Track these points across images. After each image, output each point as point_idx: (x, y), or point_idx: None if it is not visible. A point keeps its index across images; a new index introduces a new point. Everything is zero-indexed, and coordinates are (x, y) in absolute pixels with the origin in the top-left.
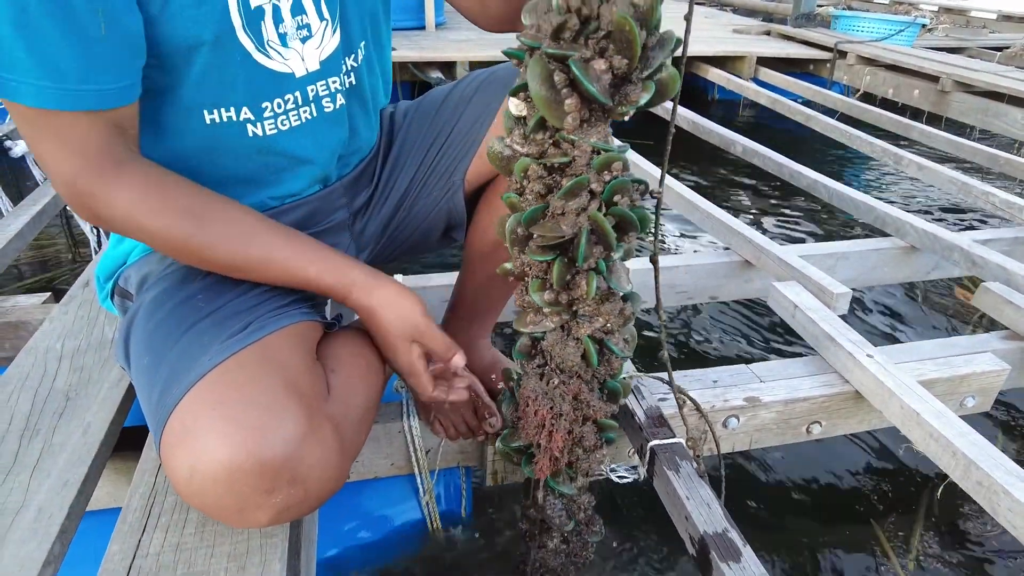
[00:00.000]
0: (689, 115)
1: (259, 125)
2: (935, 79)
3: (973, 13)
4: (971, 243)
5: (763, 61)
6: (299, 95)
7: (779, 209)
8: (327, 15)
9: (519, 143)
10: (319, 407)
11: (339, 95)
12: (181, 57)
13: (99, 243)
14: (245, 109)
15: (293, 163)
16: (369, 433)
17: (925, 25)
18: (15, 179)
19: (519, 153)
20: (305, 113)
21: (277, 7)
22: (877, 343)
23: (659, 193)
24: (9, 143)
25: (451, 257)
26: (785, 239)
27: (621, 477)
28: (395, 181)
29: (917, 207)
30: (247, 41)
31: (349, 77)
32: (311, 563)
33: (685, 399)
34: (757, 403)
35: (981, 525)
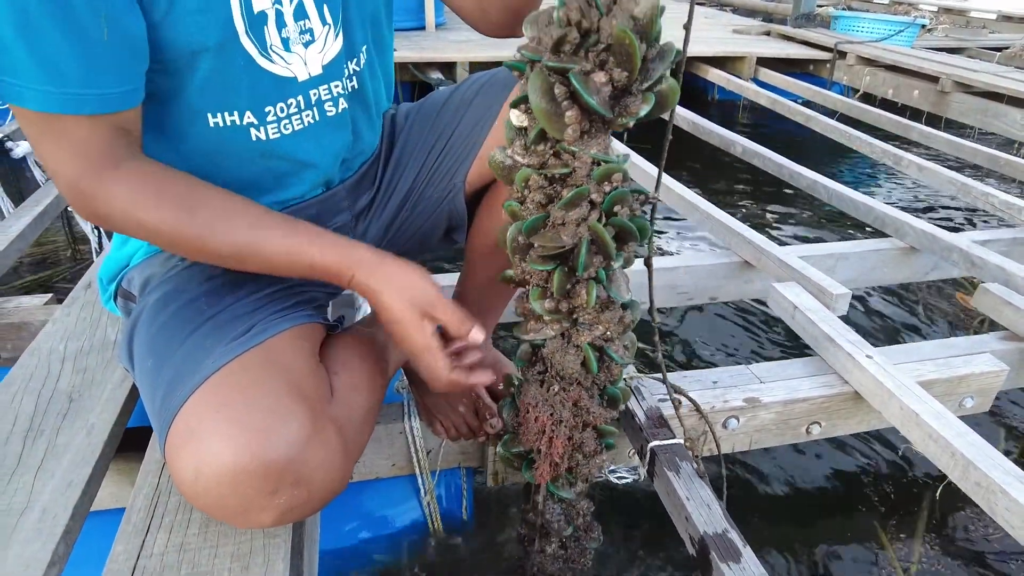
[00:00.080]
0: (689, 116)
1: (262, 129)
2: (935, 80)
3: (973, 13)
4: (970, 244)
5: (763, 61)
6: (301, 99)
7: (779, 209)
8: (329, 19)
9: (520, 154)
10: (322, 409)
11: (341, 99)
12: (185, 62)
13: (100, 243)
14: (248, 113)
15: (296, 167)
16: (372, 434)
17: (925, 25)
18: (16, 180)
19: (520, 163)
20: (308, 117)
21: (280, 12)
22: (876, 344)
23: (654, 199)
24: (10, 144)
25: (452, 258)
26: (785, 240)
27: (621, 478)
28: (397, 183)
29: (916, 208)
30: (250, 46)
31: (351, 81)
32: (313, 563)
33: (680, 400)
34: (757, 404)
35: (983, 527)
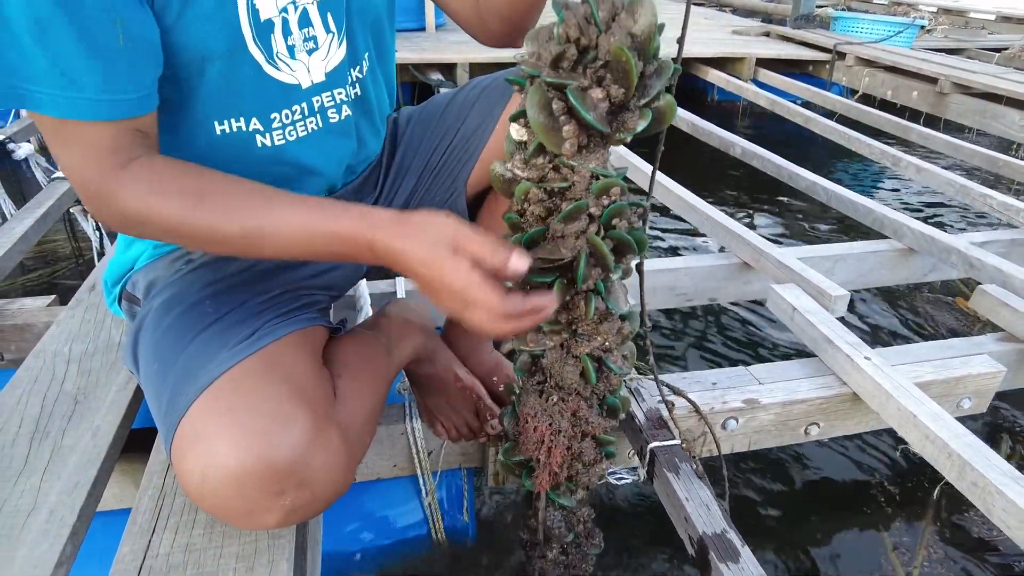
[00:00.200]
0: (688, 117)
1: (268, 136)
2: (933, 81)
3: (972, 14)
4: (968, 245)
5: (762, 62)
6: (305, 106)
7: (778, 211)
8: (333, 28)
9: (520, 167)
10: (325, 412)
11: (344, 106)
12: (194, 68)
13: (101, 243)
14: (255, 120)
15: (301, 173)
16: (374, 435)
17: (924, 26)
18: (17, 182)
19: (520, 177)
20: (311, 124)
21: (286, 20)
22: (875, 345)
23: (647, 204)
24: (12, 146)
25: None
26: (784, 241)
27: (620, 479)
28: (399, 186)
29: (915, 209)
30: (257, 53)
31: (354, 88)
32: (316, 563)
33: (673, 403)
34: (756, 405)
35: (987, 529)
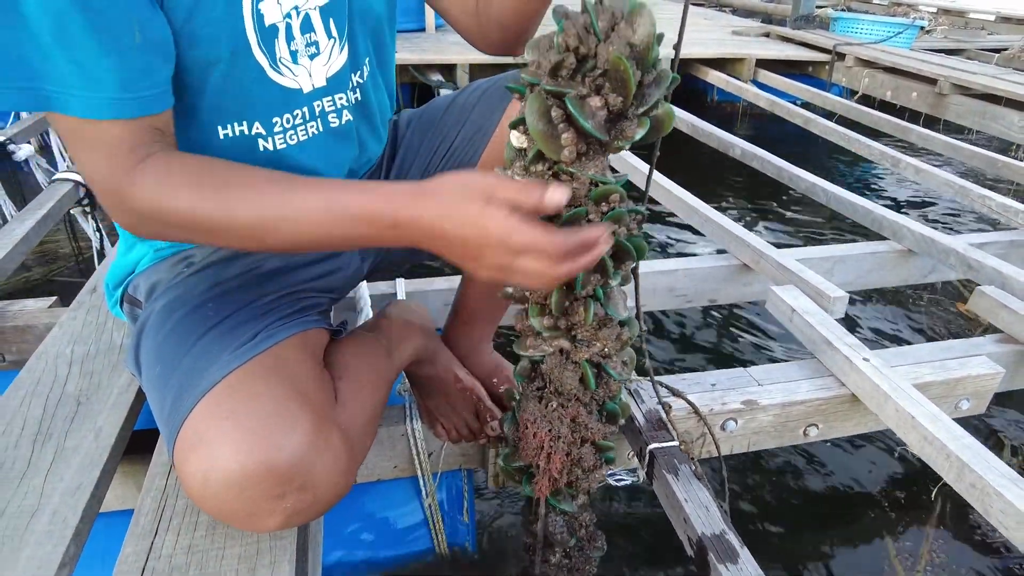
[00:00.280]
0: (688, 118)
1: (270, 140)
2: (933, 82)
3: (971, 15)
4: (967, 247)
5: (762, 63)
6: (306, 110)
7: (777, 212)
8: (335, 33)
9: (520, 174)
10: (327, 415)
11: (345, 111)
12: (199, 72)
13: (101, 244)
14: (257, 124)
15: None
16: (375, 437)
17: (923, 27)
18: (18, 183)
19: None
20: (312, 128)
21: (289, 25)
22: (873, 346)
23: (645, 213)
24: (13, 147)
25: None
26: (783, 242)
27: (620, 480)
28: None
29: (914, 210)
30: (261, 58)
31: (355, 93)
32: (317, 564)
33: (670, 405)
34: (755, 406)
35: (991, 531)
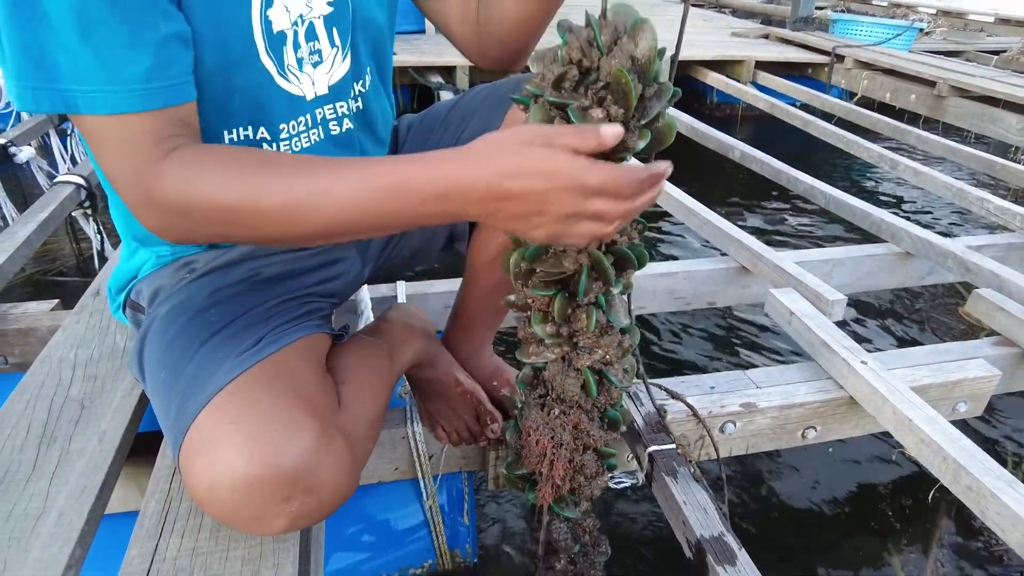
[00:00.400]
0: (687, 120)
1: (274, 145)
2: (932, 84)
3: (970, 16)
4: (964, 249)
5: (761, 65)
6: (309, 118)
7: (776, 214)
8: (338, 42)
9: None
10: (331, 419)
11: (346, 119)
12: (207, 75)
13: (102, 245)
14: (263, 129)
15: None
16: (377, 440)
17: (922, 29)
18: (19, 185)
19: None
20: (314, 135)
21: (296, 32)
22: (872, 348)
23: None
24: (14, 149)
25: (453, 265)
26: (782, 244)
27: (619, 482)
28: None
29: (913, 212)
30: (269, 64)
31: (357, 102)
32: (319, 566)
33: (666, 410)
34: (753, 408)
35: (994, 542)
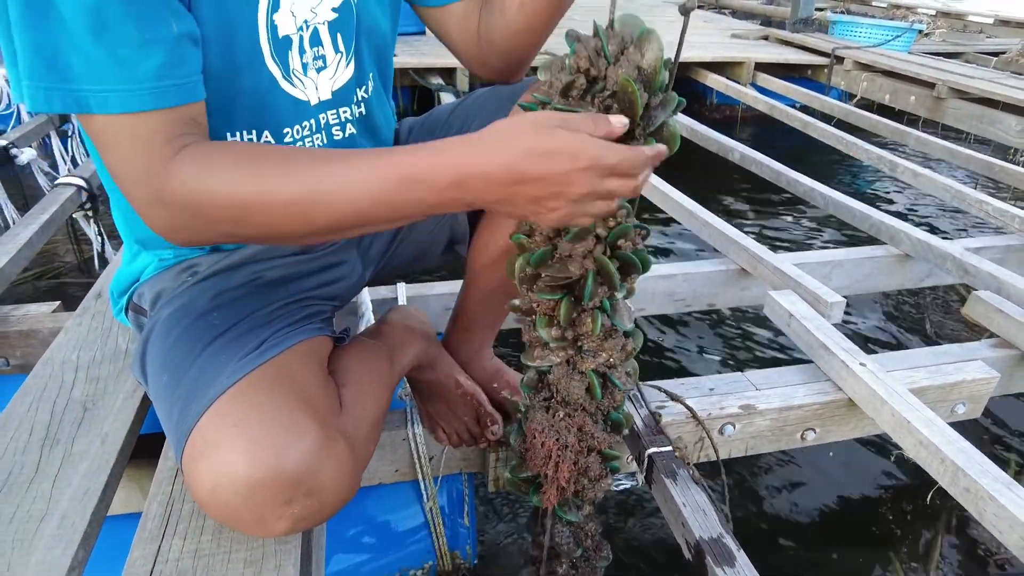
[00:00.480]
0: (687, 121)
1: None
2: (931, 86)
3: (970, 18)
4: (963, 251)
5: (761, 66)
6: (312, 123)
7: (776, 216)
8: (342, 48)
9: None
10: (332, 422)
11: (348, 124)
12: (212, 77)
13: (103, 246)
14: (267, 133)
15: None
16: (378, 442)
17: (922, 30)
18: (20, 187)
19: None
20: (317, 140)
21: (302, 37)
22: (870, 350)
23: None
24: (15, 151)
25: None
26: (782, 246)
27: (619, 484)
28: None
29: (911, 214)
30: (274, 68)
31: (359, 107)
32: (321, 568)
33: (660, 415)
34: (753, 410)
35: (996, 547)
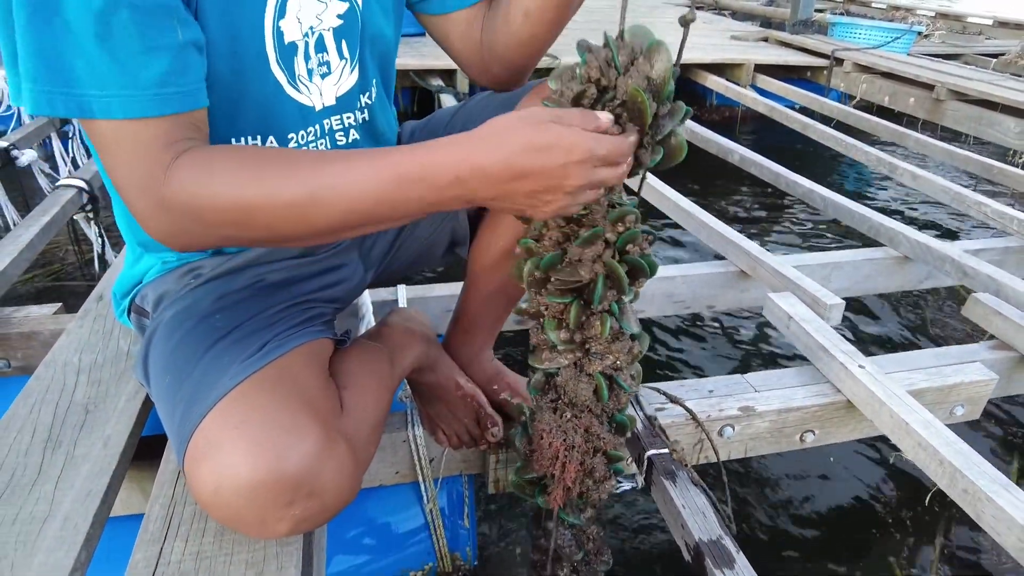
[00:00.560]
0: (687, 123)
1: None
2: (930, 87)
3: (969, 19)
4: (962, 254)
5: (761, 68)
6: (317, 128)
7: (775, 218)
8: (347, 55)
9: None
10: (334, 424)
11: (352, 130)
12: (218, 83)
13: (103, 249)
14: (271, 138)
15: None
16: (378, 444)
17: (921, 32)
18: (21, 188)
19: None
20: (321, 145)
21: (307, 44)
22: (869, 352)
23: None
24: (16, 152)
25: (453, 270)
26: (781, 248)
27: (618, 486)
28: None
29: (910, 216)
30: (280, 74)
31: (363, 113)
32: (321, 569)
33: (657, 419)
34: (752, 412)
35: (996, 556)
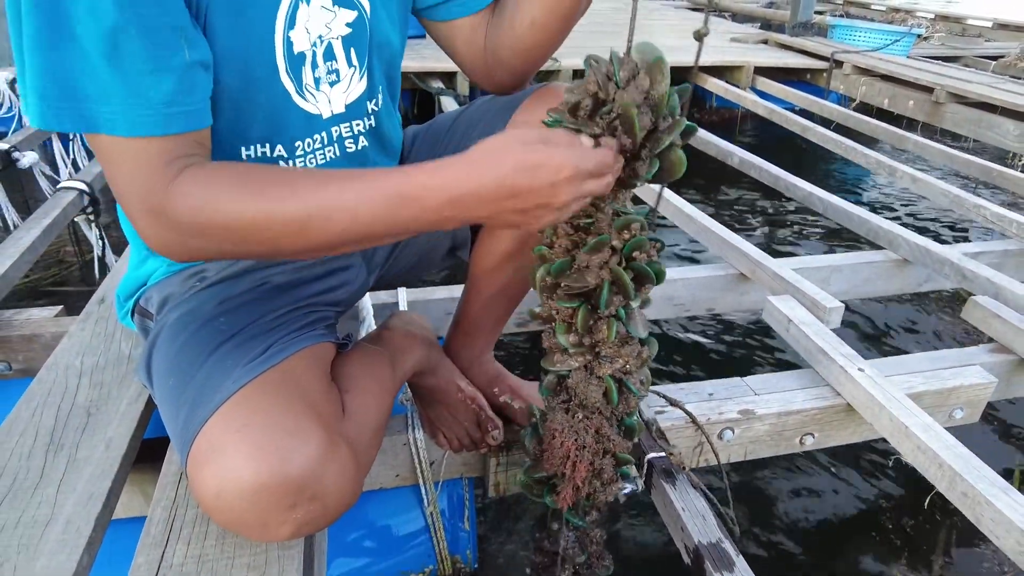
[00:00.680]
0: None
1: (291, 162)
2: (929, 90)
3: (969, 21)
4: (961, 257)
5: (760, 70)
6: (325, 135)
7: (775, 221)
8: (356, 62)
9: None
10: (336, 428)
11: (361, 137)
12: (227, 93)
13: (104, 251)
14: (280, 147)
15: None
16: (379, 447)
17: (920, 35)
18: (22, 190)
19: None
20: (330, 152)
21: (315, 52)
22: (869, 355)
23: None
24: (17, 154)
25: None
26: (781, 251)
27: (622, 489)
28: None
29: (910, 218)
30: (288, 83)
31: (370, 120)
32: (322, 572)
33: (655, 422)
34: (751, 415)
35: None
